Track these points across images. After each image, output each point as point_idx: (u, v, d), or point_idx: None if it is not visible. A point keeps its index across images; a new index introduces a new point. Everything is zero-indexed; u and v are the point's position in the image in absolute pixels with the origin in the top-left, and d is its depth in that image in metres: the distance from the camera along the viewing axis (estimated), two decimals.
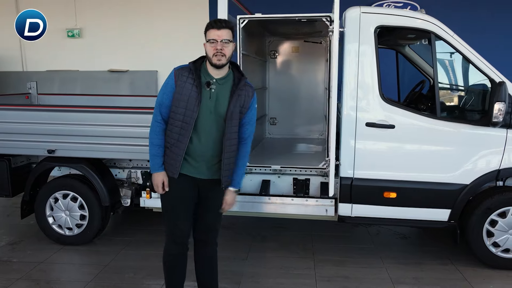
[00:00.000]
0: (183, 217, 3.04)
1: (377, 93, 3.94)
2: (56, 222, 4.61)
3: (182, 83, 2.85)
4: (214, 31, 2.80)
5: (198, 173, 2.97)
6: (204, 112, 2.86)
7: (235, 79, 2.96)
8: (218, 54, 2.78)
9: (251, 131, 3.09)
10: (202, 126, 2.87)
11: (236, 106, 2.91)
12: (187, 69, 2.90)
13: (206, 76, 2.90)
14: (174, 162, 2.92)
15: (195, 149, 2.91)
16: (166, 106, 2.92)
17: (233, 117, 2.91)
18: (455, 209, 3.94)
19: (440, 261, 4.27)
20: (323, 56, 6.21)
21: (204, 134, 2.89)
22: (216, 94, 2.88)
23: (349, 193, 4.07)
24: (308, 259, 4.35)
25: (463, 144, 3.88)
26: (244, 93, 2.95)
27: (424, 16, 3.87)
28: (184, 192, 3.00)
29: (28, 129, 4.40)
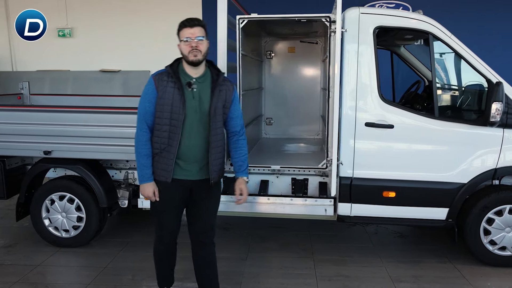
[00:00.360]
0: (172, 221, 3.14)
1: (376, 93, 3.96)
2: (52, 224, 4.56)
3: (163, 87, 2.89)
4: (187, 29, 2.87)
5: (190, 175, 3.01)
6: (190, 113, 2.91)
7: (213, 76, 3.03)
8: (194, 50, 2.85)
9: (241, 124, 3.19)
10: (189, 126, 2.93)
11: (218, 101, 2.98)
12: (165, 73, 2.95)
13: (185, 77, 2.96)
14: (166, 167, 2.95)
15: (186, 150, 2.95)
16: (151, 114, 2.96)
17: (217, 113, 2.98)
18: (452, 208, 3.98)
19: (438, 259, 4.32)
20: (319, 56, 6.24)
21: (192, 134, 2.94)
22: (198, 93, 2.95)
23: (348, 193, 4.09)
24: (308, 259, 4.36)
25: (460, 143, 3.92)
26: (225, 88, 3.03)
27: (422, 17, 3.90)
28: (174, 197, 3.06)
29: (23, 130, 4.34)
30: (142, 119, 2.99)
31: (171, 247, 3.28)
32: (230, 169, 4.53)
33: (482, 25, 7.68)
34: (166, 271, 3.39)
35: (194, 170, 3.01)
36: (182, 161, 2.98)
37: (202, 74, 2.99)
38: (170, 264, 3.38)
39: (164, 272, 3.39)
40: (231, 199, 4.43)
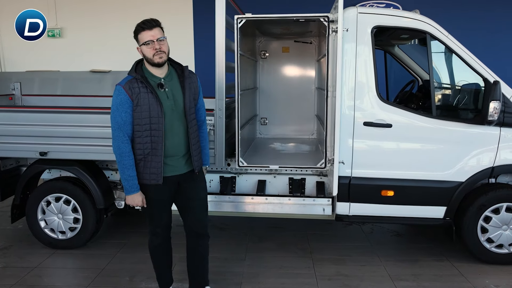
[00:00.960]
0: (163, 216, 3.20)
1: (374, 93, 3.98)
2: (49, 226, 4.50)
3: (137, 95, 2.88)
4: (147, 32, 2.86)
5: (177, 170, 3.09)
6: (167, 113, 2.96)
7: (177, 71, 3.09)
8: (158, 52, 2.87)
9: (205, 112, 3.34)
10: (170, 126, 2.98)
11: (190, 95, 3.06)
12: (134, 80, 2.92)
13: (153, 78, 2.97)
14: (155, 170, 2.98)
15: (171, 150, 3.02)
16: (129, 123, 2.94)
17: (190, 106, 3.07)
18: (450, 206, 4.02)
19: (435, 257, 4.35)
20: (313, 56, 6.25)
21: (174, 132, 3.01)
22: (171, 91, 3.01)
23: (347, 192, 4.10)
24: (307, 258, 4.36)
25: (458, 142, 3.95)
26: (193, 81, 3.13)
27: (420, 17, 3.93)
28: (164, 196, 3.13)
29: (19, 131, 4.27)
30: (120, 130, 2.94)
31: (166, 241, 3.32)
32: (227, 169, 4.54)
33: (478, 24, 7.78)
34: (164, 269, 3.41)
35: (180, 165, 3.10)
36: (169, 159, 3.04)
37: (168, 73, 3.05)
38: (167, 261, 3.41)
39: (162, 270, 3.41)
40: (228, 199, 4.43)
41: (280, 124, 6.43)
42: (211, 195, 4.40)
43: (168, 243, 3.35)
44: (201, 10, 8.39)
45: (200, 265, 3.40)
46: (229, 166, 4.50)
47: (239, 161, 4.28)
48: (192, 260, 3.38)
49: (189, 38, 8.53)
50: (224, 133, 4.14)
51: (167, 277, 3.46)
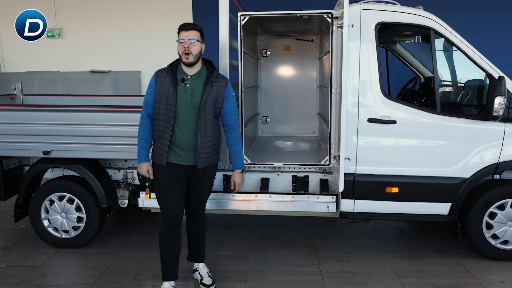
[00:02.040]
0: (173, 201, 3.41)
1: (378, 90, 3.98)
2: (52, 225, 4.48)
3: (161, 82, 3.28)
4: (183, 32, 3.24)
5: (183, 160, 3.35)
6: (182, 106, 3.25)
7: (208, 73, 3.35)
8: (186, 52, 3.20)
9: (235, 118, 3.47)
10: (182, 118, 3.27)
11: (209, 96, 3.28)
12: (165, 71, 3.34)
13: (182, 74, 3.31)
14: (161, 151, 3.31)
15: (179, 139, 3.30)
16: (151, 104, 3.35)
17: (207, 107, 3.27)
18: (455, 202, 4.01)
19: (440, 254, 4.35)
20: (315, 54, 6.25)
21: (184, 125, 3.28)
22: (191, 88, 3.29)
23: (351, 189, 4.09)
24: (311, 256, 4.35)
25: (463, 138, 3.95)
26: (217, 85, 3.33)
27: (424, 13, 3.93)
28: (171, 178, 3.38)
29: (22, 130, 4.27)
30: (144, 108, 3.40)
31: (175, 231, 3.47)
32: (230, 166, 4.52)
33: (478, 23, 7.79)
34: (170, 259, 3.51)
35: (188, 157, 3.34)
36: (178, 148, 3.32)
37: (197, 72, 3.33)
38: (174, 251, 3.52)
39: (168, 261, 3.51)
40: (232, 197, 4.42)
41: (282, 122, 6.42)
42: (215, 193, 4.38)
43: (177, 236, 3.50)
44: (200, 12, 8.38)
45: (195, 241, 3.72)
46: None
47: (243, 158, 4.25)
48: (188, 234, 3.72)
49: None
50: None
51: (173, 269, 3.56)
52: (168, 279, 3.54)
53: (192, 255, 3.82)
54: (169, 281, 3.54)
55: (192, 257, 3.83)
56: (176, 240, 3.51)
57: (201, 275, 3.73)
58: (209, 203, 4.38)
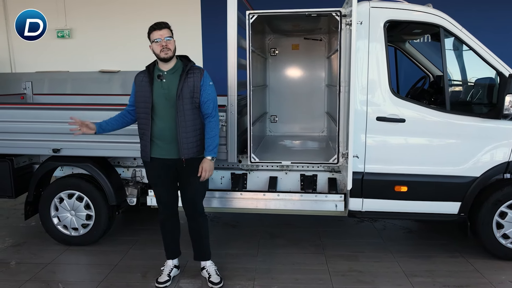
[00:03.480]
0: (163, 193, 3.66)
1: (387, 88, 3.96)
2: (61, 223, 4.52)
3: (139, 82, 3.49)
4: (156, 32, 3.38)
5: (169, 154, 3.48)
6: (159, 100, 3.41)
7: (183, 67, 3.48)
8: (164, 49, 3.36)
9: (213, 107, 3.54)
10: (161, 112, 3.42)
11: (184, 87, 3.40)
12: (143, 72, 3.54)
13: (158, 71, 3.48)
14: (145, 148, 3.50)
15: (160, 132, 3.45)
16: (131, 103, 3.61)
17: (184, 97, 3.40)
18: (465, 202, 3.97)
19: (449, 254, 4.31)
20: (324, 53, 6.23)
21: (165, 118, 3.42)
22: (167, 83, 3.44)
23: (360, 188, 4.07)
24: (319, 254, 4.34)
25: (473, 137, 3.92)
26: (193, 76, 3.45)
27: (433, 11, 3.90)
28: (157, 173, 3.58)
29: (32, 128, 4.30)
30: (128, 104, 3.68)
31: (169, 219, 3.75)
32: (238, 165, 4.53)
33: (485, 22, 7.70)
34: (169, 240, 3.81)
35: (171, 149, 3.46)
36: (160, 141, 3.47)
37: (172, 67, 3.48)
38: (172, 236, 3.80)
39: (167, 241, 3.81)
40: (240, 195, 4.42)
41: (290, 121, 6.40)
42: (223, 192, 4.41)
43: (172, 221, 3.76)
44: (209, 11, 8.40)
45: (197, 239, 3.78)
46: (240, 162, 4.49)
47: (251, 157, 4.27)
48: (190, 234, 3.80)
49: (197, 39, 8.53)
50: (236, 129, 4.14)
51: (173, 249, 3.86)
52: (170, 258, 3.85)
53: (197, 254, 3.84)
54: (172, 259, 3.85)
55: (197, 256, 3.85)
56: (173, 225, 3.77)
57: (208, 273, 3.75)
58: (217, 202, 4.44)
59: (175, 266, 3.85)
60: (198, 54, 8.43)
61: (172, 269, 3.82)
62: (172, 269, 3.82)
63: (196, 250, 3.83)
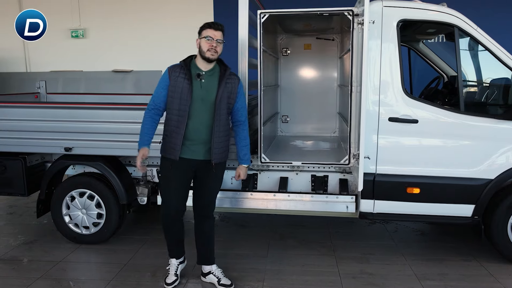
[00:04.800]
0: (176, 194, 3.51)
1: (400, 88, 3.90)
2: (73, 221, 4.55)
3: (175, 77, 3.32)
4: (211, 30, 3.31)
5: (196, 155, 3.40)
6: (196, 100, 3.31)
7: (221, 71, 3.43)
8: (212, 49, 3.29)
9: (245, 114, 3.58)
10: (196, 113, 3.32)
11: (224, 92, 3.36)
12: (178, 66, 3.39)
13: (196, 69, 3.38)
14: (174, 146, 3.35)
15: (192, 133, 3.34)
16: (162, 98, 3.40)
17: (222, 102, 3.36)
18: (479, 204, 3.90)
19: (462, 257, 4.24)
20: (336, 53, 6.18)
21: (198, 119, 3.33)
22: (206, 84, 3.36)
23: (371, 189, 4.02)
24: (330, 256, 4.30)
25: (487, 138, 3.84)
26: (231, 81, 3.42)
27: (447, 10, 3.83)
28: (180, 174, 3.45)
29: (45, 127, 4.34)
30: (152, 100, 3.45)
31: (177, 220, 3.62)
32: (254, 166, 4.50)
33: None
34: (174, 241, 3.72)
35: (200, 151, 3.40)
36: (189, 142, 3.36)
37: (211, 69, 3.40)
38: (177, 235, 3.70)
39: (172, 242, 3.72)
40: (251, 196, 4.40)
41: (302, 122, 6.36)
42: (233, 192, 4.39)
43: (178, 223, 3.65)
44: (221, 11, 8.40)
45: (206, 243, 3.71)
46: (251, 162, 4.47)
47: (262, 157, 4.25)
48: (198, 237, 3.72)
49: None
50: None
51: (177, 249, 3.78)
52: (174, 257, 3.77)
53: (203, 258, 3.76)
54: (176, 258, 3.77)
55: (203, 260, 3.76)
56: (178, 227, 3.66)
57: (217, 276, 3.68)
58: (227, 202, 4.42)
59: (180, 263, 3.80)
60: None
61: (178, 267, 3.77)
62: (178, 266, 3.77)
63: (202, 254, 3.75)
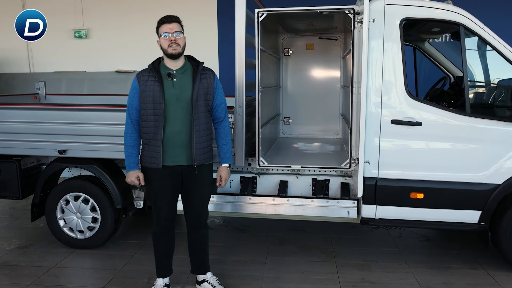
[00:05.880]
0: (165, 205, 3.33)
1: (402, 89, 3.76)
2: (67, 225, 4.46)
3: (144, 82, 3.16)
4: (165, 25, 3.16)
5: (179, 160, 3.22)
6: (171, 101, 3.13)
7: (193, 67, 3.26)
8: (173, 44, 3.12)
9: (225, 111, 3.40)
10: (172, 114, 3.15)
11: (200, 89, 3.19)
12: (147, 70, 3.23)
13: (166, 70, 3.21)
14: (155, 154, 3.17)
15: (172, 137, 3.16)
16: (135, 108, 3.22)
17: (199, 99, 3.19)
18: (486, 210, 3.74)
19: (469, 265, 4.08)
20: (339, 53, 6.04)
21: (176, 122, 3.16)
22: (178, 82, 3.18)
23: (373, 194, 3.88)
24: (330, 263, 4.17)
25: (494, 141, 3.69)
26: (206, 76, 3.26)
27: (453, 8, 3.69)
28: (165, 183, 3.27)
29: (38, 129, 4.25)
30: (128, 113, 3.27)
31: (166, 233, 3.45)
32: (248, 168, 4.39)
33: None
34: (163, 257, 3.52)
35: (182, 155, 3.21)
36: (170, 148, 3.18)
37: (182, 66, 3.24)
38: (167, 251, 3.52)
39: (161, 258, 3.52)
40: (249, 200, 4.29)
41: (304, 123, 6.23)
42: (231, 196, 4.28)
43: (168, 235, 3.47)
44: (225, 11, 8.31)
45: (199, 252, 3.55)
46: (250, 166, 4.36)
47: (260, 160, 4.12)
48: (191, 247, 3.56)
49: (213, 39, 8.46)
50: (244, 131, 3.99)
51: (166, 266, 3.56)
52: (162, 276, 3.55)
53: (197, 267, 3.61)
54: (163, 278, 3.56)
55: (197, 269, 3.62)
56: (169, 239, 3.49)
57: (212, 284, 3.57)
58: (225, 206, 4.32)
59: (165, 285, 3.54)
60: (214, 53, 8.36)
61: None
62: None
63: (196, 263, 3.59)
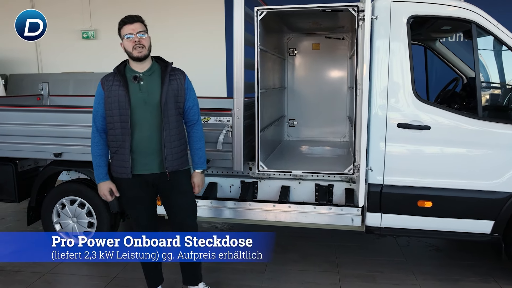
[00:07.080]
0: (143, 214, 3.18)
1: (410, 91, 3.56)
2: (63, 230, 4.35)
3: (109, 87, 2.95)
4: (127, 26, 2.95)
5: (149, 168, 3.03)
6: (138, 105, 2.93)
7: (161, 68, 3.05)
8: (138, 46, 2.91)
9: (198, 112, 3.20)
10: (140, 119, 2.95)
11: (169, 91, 2.99)
12: (111, 74, 3.03)
13: (132, 73, 3.00)
14: (124, 163, 2.98)
15: (140, 144, 2.97)
16: (101, 115, 3.02)
17: (169, 102, 2.98)
18: (499, 220, 3.52)
19: (480, 277, 3.86)
20: (346, 53, 5.85)
21: (144, 127, 2.96)
22: (145, 86, 2.98)
23: (378, 202, 3.69)
24: (333, 273, 3.98)
25: (507, 147, 3.46)
26: (175, 77, 3.05)
27: (465, 4, 3.47)
28: (138, 193, 3.09)
29: (33, 131, 4.15)
30: (93, 121, 3.07)
31: None
32: (249, 173, 4.23)
33: None
34: (150, 267, 3.38)
35: (153, 163, 3.02)
36: (140, 156, 2.99)
37: (149, 68, 3.03)
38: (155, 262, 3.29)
39: (148, 268, 3.39)
40: (249, 206, 4.13)
41: (310, 126, 6.05)
42: (231, 201, 4.14)
43: None
44: (232, 10, 8.19)
45: (189, 264, 3.34)
46: (251, 170, 4.20)
47: (259, 165, 3.96)
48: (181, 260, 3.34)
49: (220, 39, 8.35)
50: (242, 134, 3.84)
51: (155, 277, 3.43)
52: (152, 286, 3.44)
53: (188, 278, 3.44)
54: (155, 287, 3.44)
55: (189, 280, 3.44)
56: None
57: None
58: (224, 212, 4.17)
59: None
60: (221, 53, 8.24)
61: None
62: None
63: (187, 274, 3.42)
